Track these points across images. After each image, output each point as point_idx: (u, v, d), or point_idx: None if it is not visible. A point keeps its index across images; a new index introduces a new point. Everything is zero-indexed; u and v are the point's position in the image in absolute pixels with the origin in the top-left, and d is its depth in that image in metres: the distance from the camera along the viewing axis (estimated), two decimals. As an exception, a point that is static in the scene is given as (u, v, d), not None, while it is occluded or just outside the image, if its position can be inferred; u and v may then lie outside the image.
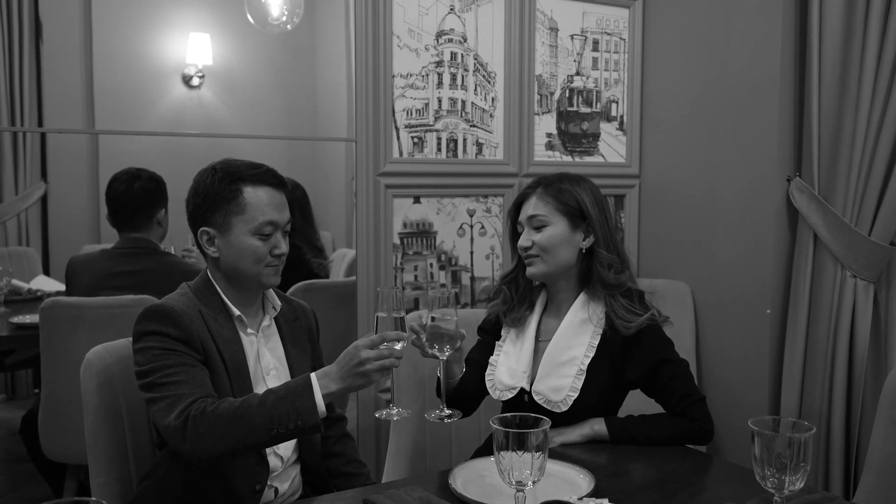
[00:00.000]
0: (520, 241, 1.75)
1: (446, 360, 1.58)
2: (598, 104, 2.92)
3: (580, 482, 1.39)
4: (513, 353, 1.77)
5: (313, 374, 1.41)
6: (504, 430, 1.14)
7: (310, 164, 4.47)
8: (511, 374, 1.74)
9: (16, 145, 4.00)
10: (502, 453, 1.15)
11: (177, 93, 4.37)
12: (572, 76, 2.86)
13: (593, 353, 1.69)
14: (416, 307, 2.56)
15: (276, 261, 1.59)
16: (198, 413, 1.37)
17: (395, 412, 1.49)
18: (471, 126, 2.66)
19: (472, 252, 2.70)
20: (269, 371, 1.63)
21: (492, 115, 2.70)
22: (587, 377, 1.67)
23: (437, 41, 2.58)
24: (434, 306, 1.49)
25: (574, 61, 2.86)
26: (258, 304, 1.66)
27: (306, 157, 4.52)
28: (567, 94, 2.85)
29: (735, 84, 2.56)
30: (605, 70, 2.92)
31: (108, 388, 1.63)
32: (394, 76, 2.50)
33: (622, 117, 2.97)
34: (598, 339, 1.70)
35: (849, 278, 2.31)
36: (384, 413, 1.49)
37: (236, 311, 1.59)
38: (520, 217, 1.78)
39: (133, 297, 2.34)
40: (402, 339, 1.43)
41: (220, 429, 1.36)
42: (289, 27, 3.47)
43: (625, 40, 2.94)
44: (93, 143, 4.15)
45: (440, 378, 1.63)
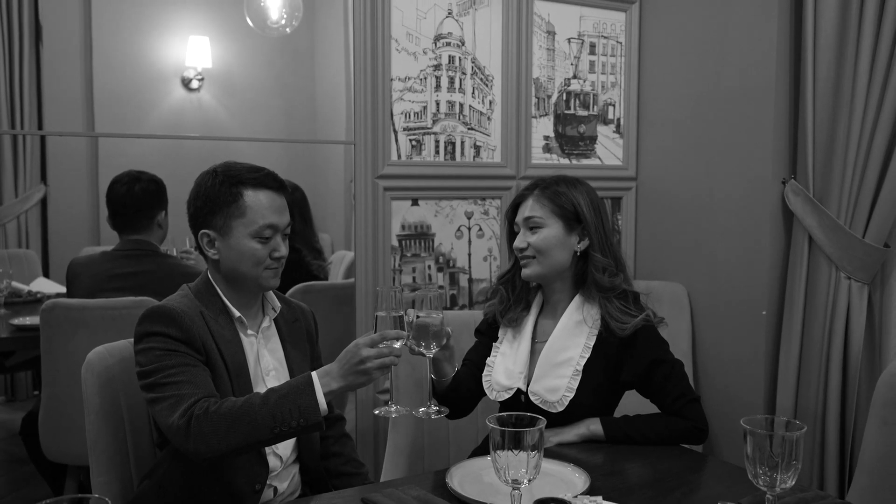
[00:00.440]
0: (515, 241, 1.77)
1: (435, 358, 1.62)
2: (595, 107, 2.94)
3: (576, 481, 1.41)
4: (509, 354, 1.79)
5: (314, 373, 1.43)
6: (500, 430, 1.16)
7: (309, 167, 4.49)
8: (508, 374, 1.76)
9: (16, 148, 4.01)
10: (499, 452, 1.16)
11: (176, 96, 4.38)
12: (569, 79, 2.88)
13: (589, 353, 1.70)
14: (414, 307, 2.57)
15: (275, 263, 1.60)
16: (201, 412, 1.39)
17: (393, 409, 1.52)
18: (468, 129, 2.68)
19: (469, 254, 2.72)
20: (268, 372, 1.65)
21: (489, 118, 2.72)
22: (583, 378, 1.69)
23: (435, 45, 2.60)
24: (419, 304, 1.51)
25: (571, 65, 2.88)
26: (258, 305, 1.68)
27: (305, 159, 4.53)
28: (564, 97, 2.87)
29: (731, 87, 2.58)
30: (601, 73, 2.94)
31: (109, 389, 1.65)
32: (392, 79, 2.52)
33: (619, 120, 2.99)
34: (593, 340, 1.71)
35: (843, 280, 2.33)
36: (382, 410, 1.52)
37: (236, 313, 1.61)
38: (516, 218, 1.80)
39: (133, 299, 2.36)
40: (401, 338, 1.45)
41: (224, 428, 1.38)
42: (288, 30, 3.48)
43: (621, 44, 2.96)
44: (92, 145, 4.16)
45: (432, 377, 1.65)
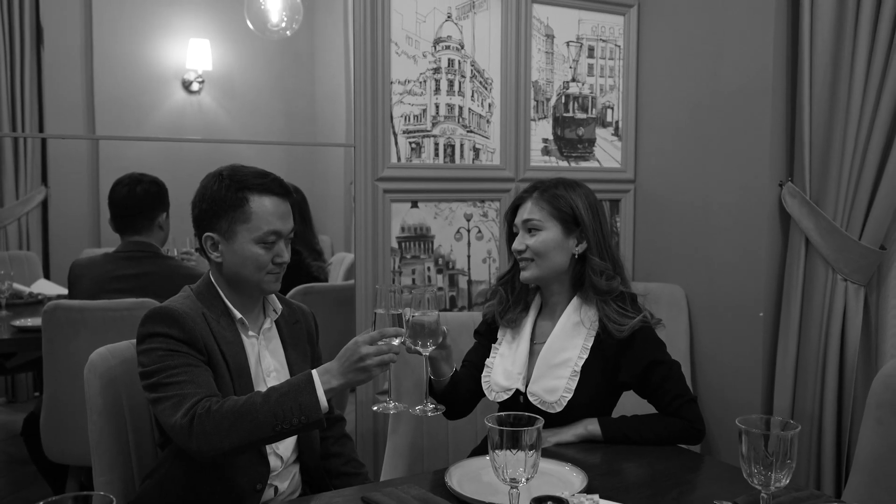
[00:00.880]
0: (514, 244, 1.79)
1: (433, 357, 1.64)
2: (594, 110, 2.96)
3: (573, 480, 1.42)
4: (508, 355, 1.80)
5: (314, 371, 1.45)
6: (499, 429, 1.17)
7: (309, 169, 4.50)
8: (506, 375, 1.77)
9: (17, 150, 4.03)
10: (497, 451, 1.18)
11: (177, 98, 4.40)
12: (568, 82, 2.89)
13: (587, 354, 1.72)
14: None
15: (277, 268, 1.62)
16: (203, 412, 1.40)
17: (391, 405, 1.53)
18: (468, 132, 2.69)
19: (469, 256, 2.73)
20: (269, 373, 1.66)
21: (488, 121, 2.73)
22: (581, 378, 1.70)
23: (435, 48, 2.62)
24: (415, 304, 1.52)
25: (570, 68, 2.89)
26: (259, 307, 1.69)
27: (306, 162, 4.55)
28: (563, 100, 2.89)
29: (728, 90, 2.59)
30: (600, 76, 2.96)
31: (111, 390, 1.66)
32: (392, 82, 2.54)
33: (617, 123, 3.00)
34: (591, 342, 1.73)
35: (840, 282, 2.34)
36: (381, 406, 1.53)
37: (238, 314, 1.62)
38: (515, 220, 1.81)
39: (135, 301, 2.37)
40: (400, 335, 1.47)
41: (226, 426, 1.39)
42: (288, 33, 3.49)
43: (620, 47, 2.98)
44: (93, 148, 4.18)
45: (429, 377, 1.67)
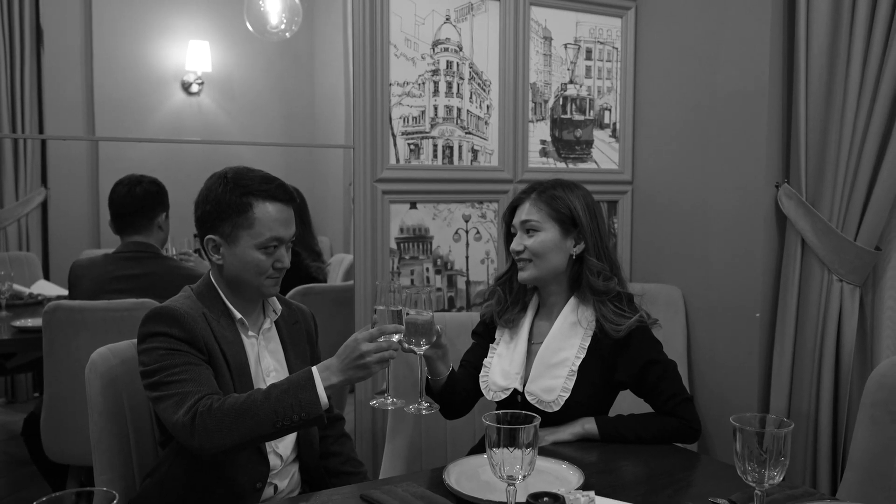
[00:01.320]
0: (512, 245, 1.80)
1: (429, 357, 1.66)
2: (592, 112, 2.97)
3: (570, 478, 1.44)
4: (506, 355, 1.82)
5: (314, 368, 1.46)
6: (496, 427, 1.19)
7: (308, 171, 4.51)
8: (504, 375, 1.79)
9: (17, 151, 4.03)
10: (494, 449, 1.19)
11: (176, 100, 4.41)
12: (566, 84, 2.91)
13: (584, 354, 1.73)
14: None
15: (277, 273, 1.63)
16: (205, 409, 1.42)
17: (389, 401, 1.55)
18: (466, 133, 2.71)
19: (467, 257, 2.75)
20: (269, 373, 1.67)
21: (487, 123, 2.75)
22: (578, 378, 1.72)
23: (433, 50, 2.63)
24: (410, 303, 1.54)
25: (567, 70, 2.91)
26: (259, 307, 1.71)
27: (305, 163, 4.56)
28: (561, 102, 2.90)
29: (725, 93, 2.61)
30: (598, 78, 2.97)
31: (112, 389, 1.67)
32: (391, 84, 2.55)
33: (615, 125, 3.02)
34: (588, 341, 1.74)
35: (835, 282, 2.36)
36: (378, 402, 1.55)
37: (238, 314, 1.64)
38: (513, 221, 1.82)
39: (135, 301, 2.38)
40: (399, 332, 1.49)
41: (227, 423, 1.41)
42: (287, 35, 3.50)
43: (617, 49, 2.99)
44: (93, 149, 4.18)
45: (426, 376, 1.69)
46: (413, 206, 2.63)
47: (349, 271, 3.59)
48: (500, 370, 1.80)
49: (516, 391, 1.76)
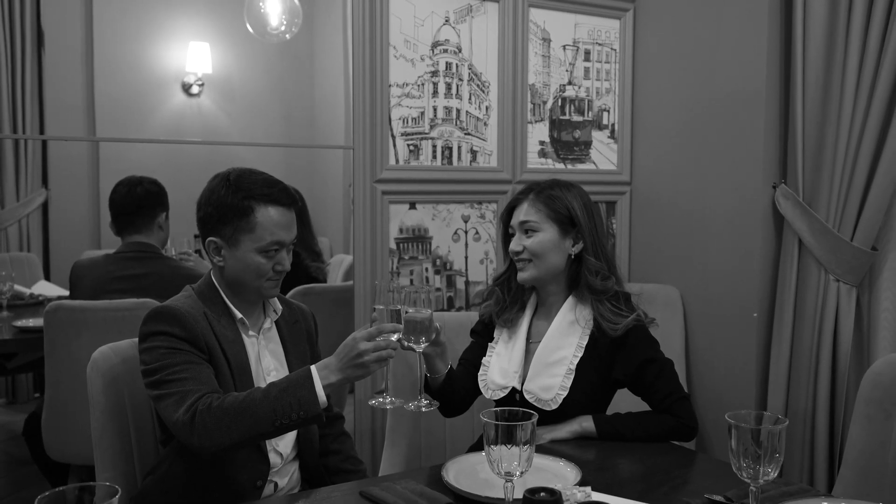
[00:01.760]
0: (511, 245, 1.81)
1: (427, 355, 1.68)
2: (590, 113, 2.99)
3: (568, 475, 1.45)
4: (504, 354, 1.83)
5: (313, 367, 1.47)
6: (494, 424, 1.20)
7: (308, 172, 4.53)
8: (503, 374, 1.80)
9: (17, 152, 4.04)
10: (492, 446, 1.21)
11: (176, 101, 4.43)
12: (564, 85, 2.93)
13: (582, 353, 1.74)
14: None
15: (277, 275, 1.64)
16: (204, 408, 1.43)
17: (388, 401, 1.56)
18: (465, 134, 2.72)
19: (466, 257, 2.76)
20: (269, 372, 1.68)
21: (486, 124, 2.76)
22: (576, 376, 1.73)
23: (433, 51, 2.65)
24: (409, 301, 1.55)
25: (566, 71, 2.92)
26: (259, 307, 1.72)
27: (305, 164, 4.57)
28: (559, 103, 2.92)
29: (722, 94, 2.62)
30: (596, 80, 2.99)
31: (113, 388, 1.69)
32: (390, 85, 2.56)
33: (613, 126, 3.03)
34: (586, 340, 1.75)
35: (832, 282, 2.37)
36: (377, 401, 1.56)
37: (238, 314, 1.65)
38: (512, 222, 1.83)
39: (136, 301, 2.39)
40: (397, 331, 1.50)
41: (227, 422, 1.42)
42: (287, 37, 3.52)
43: (616, 51, 3.01)
44: (93, 150, 4.20)
45: (425, 374, 1.70)
46: (412, 206, 2.65)
47: (349, 272, 3.60)
48: (499, 369, 1.81)
49: (515, 390, 1.78)
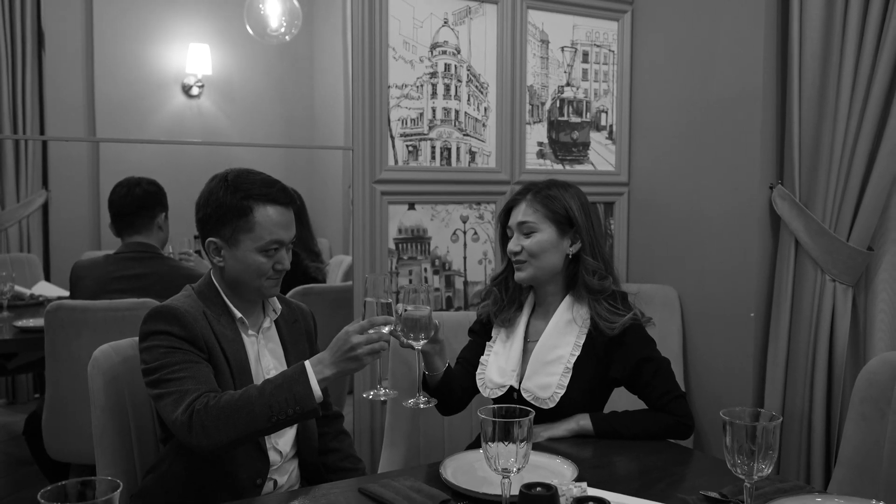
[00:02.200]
0: (509, 245, 1.82)
1: (426, 352, 1.70)
2: (588, 114, 3.00)
3: (565, 472, 1.46)
4: (502, 353, 1.84)
5: (307, 362, 1.49)
6: (491, 421, 1.21)
7: (307, 172, 4.54)
8: (501, 372, 1.81)
9: (18, 153, 4.05)
10: (490, 442, 1.22)
11: (177, 102, 4.44)
12: (563, 87, 2.94)
13: (579, 351, 1.75)
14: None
15: (277, 274, 1.66)
16: (201, 407, 1.44)
17: (382, 392, 1.57)
18: (464, 135, 2.74)
19: (465, 257, 2.77)
20: (268, 371, 1.69)
21: (484, 125, 2.78)
22: (573, 375, 1.74)
23: (432, 53, 2.66)
24: (408, 299, 1.56)
25: (564, 72, 2.94)
26: (259, 307, 1.73)
27: (304, 164, 4.59)
28: (558, 105, 2.93)
29: (720, 95, 2.64)
30: (594, 81, 3.00)
31: (114, 386, 1.70)
32: (389, 87, 2.58)
33: (611, 127, 3.05)
34: (583, 339, 1.76)
35: (828, 282, 2.39)
36: (371, 393, 1.58)
37: (238, 314, 1.66)
38: (509, 222, 1.84)
39: (136, 301, 2.40)
40: (389, 323, 1.51)
41: (223, 420, 1.43)
42: (287, 38, 3.53)
43: (614, 52, 3.02)
44: (94, 151, 4.21)
45: (424, 371, 1.72)
46: (411, 207, 2.66)
47: (348, 273, 3.61)
48: (497, 368, 1.82)
49: (512, 388, 1.79)
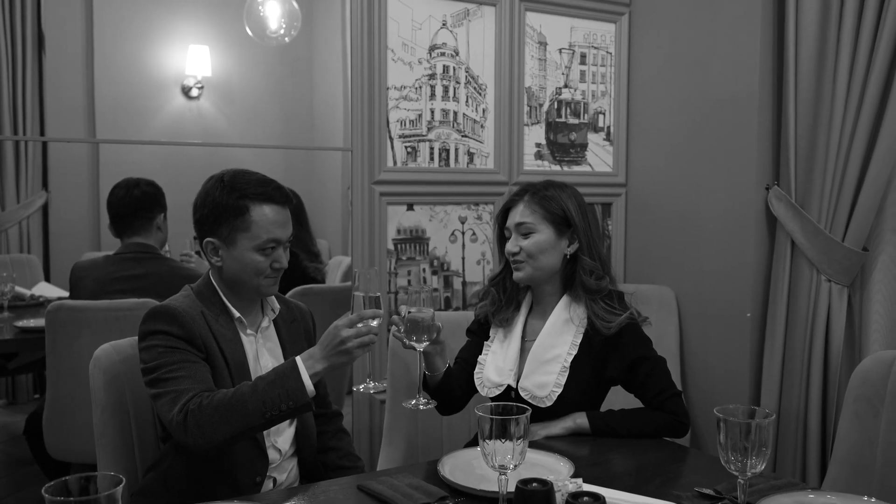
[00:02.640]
0: (507, 246, 1.83)
1: (427, 352, 1.71)
2: (586, 115, 3.02)
3: (561, 469, 1.47)
4: (500, 353, 1.85)
5: (298, 357, 1.50)
6: (489, 418, 1.23)
7: (307, 173, 4.56)
8: (499, 371, 1.83)
9: (18, 154, 4.06)
10: (487, 440, 1.23)
11: (176, 103, 4.46)
12: (560, 88, 2.96)
13: (576, 351, 1.77)
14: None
15: (275, 273, 1.66)
16: (195, 407, 1.45)
17: (371, 385, 1.59)
18: (462, 136, 2.75)
19: (463, 258, 2.79)
20: (267, 370, 1.71)
21: (483, 126, 2.79)
22: (570, 374, 1.75)
23: (430, 55, 2.68)
24: (411, 301, 1.58)
25: (562, 74, 2.96)
26: (258, 306, 1.74)
27: (303, 166, 4.60)
28: (555, 106, 2.95)
29: (716, 97, 2.65)
30: (592, 83, 3.02)
31: (115, 385, 1.71)
32: (388, 88, 2.59)
33: (609, 128, 3.06)
34: (580, 338, 1.78)
35: (824, 283, 2.40)
36: (362, 386, 1.59)
37: (236, 313, 1.67)
38: (507, 223, 1.85)
39: (136, 301, 2.41)
40: (378, 317, 1.52)
41: (218, 419, 1.44)
42: (287, 40, 3.54)
43: (611, 54, 3.04)
44: (93, 152, 4.22)
45: (424, 371, 1.73)
46: (410, 207, 2.67)
47: (347, 274, 3.63)
48: (495, 367, 1.84)
49: (510, 387, 1.80)
